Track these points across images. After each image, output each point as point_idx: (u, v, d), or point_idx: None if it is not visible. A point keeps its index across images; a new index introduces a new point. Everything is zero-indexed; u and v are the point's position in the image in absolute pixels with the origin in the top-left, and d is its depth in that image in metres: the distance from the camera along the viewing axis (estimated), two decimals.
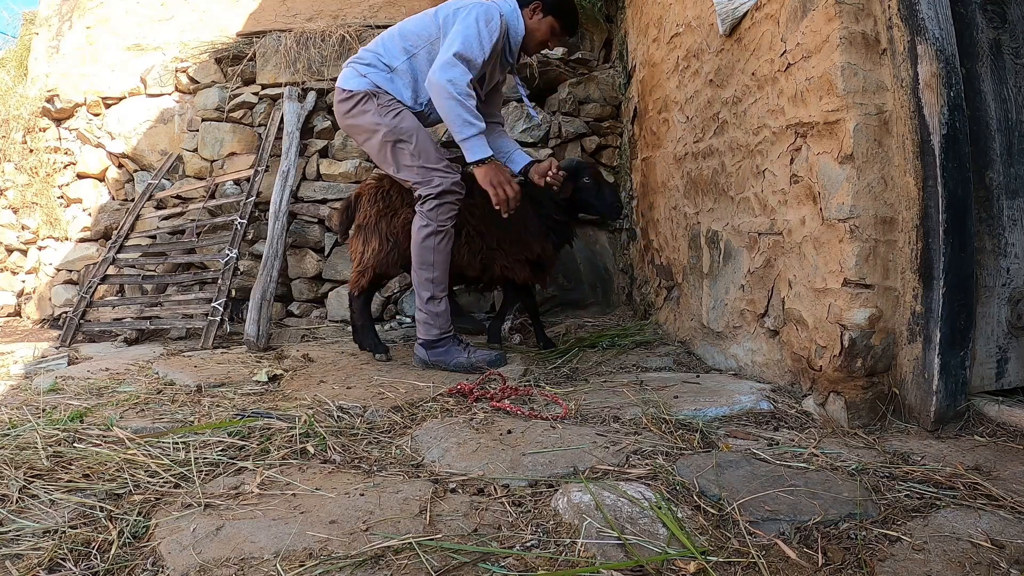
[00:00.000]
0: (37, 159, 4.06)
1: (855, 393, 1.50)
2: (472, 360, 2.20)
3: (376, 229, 2.45)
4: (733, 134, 2.02)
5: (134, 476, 1.28)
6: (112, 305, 3.47)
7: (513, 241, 2.47)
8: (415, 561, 0.92)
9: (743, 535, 0.98)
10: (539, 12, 2.28)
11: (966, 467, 1.20)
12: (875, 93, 1.47)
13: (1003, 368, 1.51)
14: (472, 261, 2.47)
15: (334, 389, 1.98)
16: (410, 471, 1.30)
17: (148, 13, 4.06)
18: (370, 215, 2.47)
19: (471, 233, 2.43)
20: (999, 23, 1.50)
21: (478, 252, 2.46)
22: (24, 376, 2.42)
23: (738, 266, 2.01)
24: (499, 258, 2.48)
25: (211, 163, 3.77)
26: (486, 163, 2.12)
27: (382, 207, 2.46)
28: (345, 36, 3.62)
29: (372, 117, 2.22)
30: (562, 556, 0.93)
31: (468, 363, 2.20)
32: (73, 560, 0.97)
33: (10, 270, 4.26)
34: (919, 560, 0.90)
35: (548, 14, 2.28)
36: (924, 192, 1.41)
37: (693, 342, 2.38)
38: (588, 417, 1.62)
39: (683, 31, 2.41)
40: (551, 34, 2.32)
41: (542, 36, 2.31)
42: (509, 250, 2.48)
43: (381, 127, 2.21)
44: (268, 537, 1.00)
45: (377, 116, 2.22)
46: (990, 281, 1.49)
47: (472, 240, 2.44)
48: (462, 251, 2.42)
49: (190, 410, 1.79)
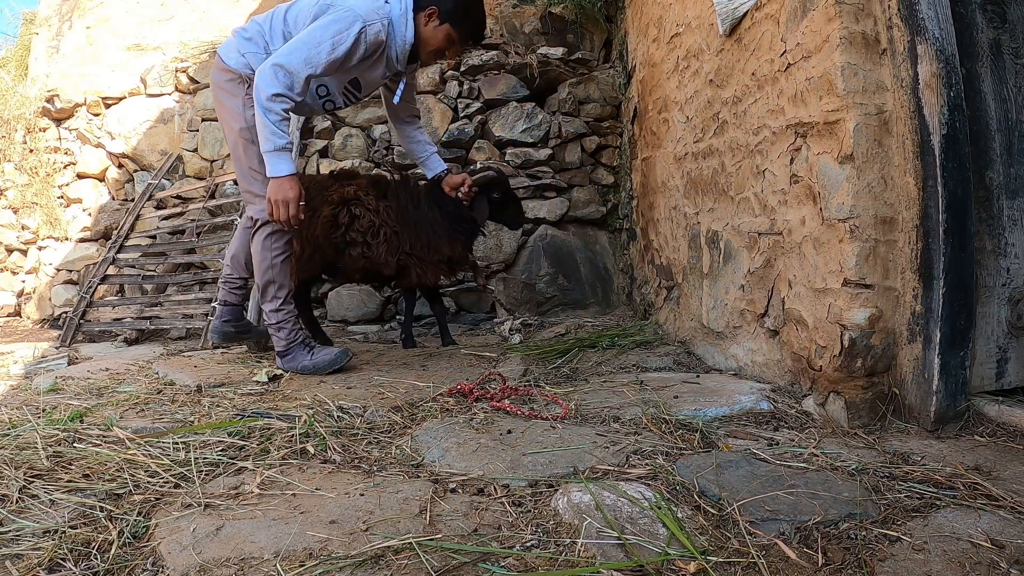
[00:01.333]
0: (37, 159, 4.06)
1: (855, 393, 1.50)
2: (314, 362, 2.20)
3: (296, 233, 2.47)
4: (733, 134, 2.02)
5: (134, 476, 1.28)
6: (112, 305, 3.47)
7: (424, 245, 2.48)
8: (415, 561, 0.92)
9: (743, 535, 0.98)
10: (434, 19, 2.08)
11: (966, 467, 1.20)
12: (875, 93, 1.47)
13: (1003, 368, 1.51)
14: (389, 261, 2.48)
15: (334, 389, 1.98)
16: (410, 471, 1.30)
17: (148, 13, 4.07)
18: None
19: (388, 234, 2.44)
20: (999, 23, 1.50)
21: (395, 253, 2.47)
22: (24, 376, 2.42)
23: (738, 266, 2.01)
24: (414, 264, 2.50)
25: (211, 163, 3.77)
26: (280, 178, 2.01)
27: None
28: None
29: (238, 104, 2.11)
30: (562, 556, 0.93)
31: (312, 366, 2.20)
32: (73, 560, 0.97)
33: (10, 270, 4.26)
34: (919, 560, 0.90)
35: (445, 22, 2.09)
36: (924, 192, 1.41)
37: (693, 342, 2.38)
38: (588, 417, 1.62)
39: (683, 31, 2.41)
40: (448, 43, 2.13)
41: (437, 44, 2.12)
42: (422, 254, 2.49)
43: (241, 119, 2.11)
44: (268, 537, 1.00)
45: (241, 106, 2.10)
46: (990, 281, 1.49)
47: (390, 241, 2.45)
48: (380, 249, 2.44)
49: (190, 410, 1.79)
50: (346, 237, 2.46)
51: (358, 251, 2.47)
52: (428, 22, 2.10)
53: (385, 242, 2.44)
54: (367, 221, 2.43)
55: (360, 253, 2.47)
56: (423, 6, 2.09)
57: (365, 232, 2.44)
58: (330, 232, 2.45)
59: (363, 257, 2.48)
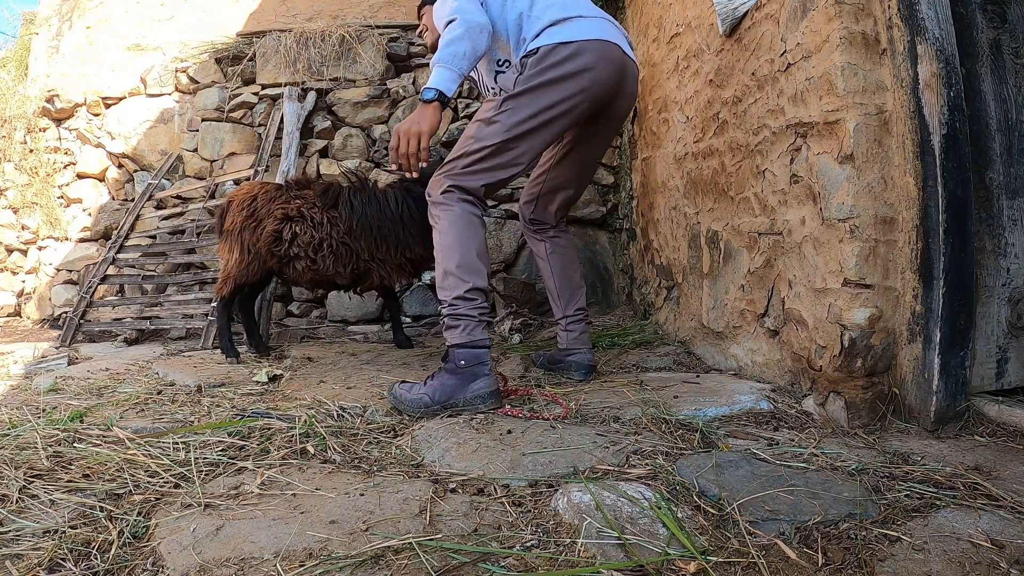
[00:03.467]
0: (37, 159, 4.06)
1: (855, 393, 1.50)
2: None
3: (239, 238, 2.48)
4: (733, 134, 2.02)
5: (134, 476, 1.28)
6: (112, 305, 3.47)
7: (391, 247, 2.46)
8: (415, 561, 0.92)
9: (743, 535, 0.98)
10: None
11: (966, 467, 1.20)
12: (875, 93, 1.47)
13: (1003, 368, 1.51)
14: (340, 272, 2.49)
15: (334, 389, 1.98)
16: (410, 471, 1.30)
17: (148, 13, 4.06)
18: (236, 223, 2.50)
19: (335, 246, 2.44)
20: (999, 23, 1.50)
21: (347, 264, 2.47)
22: (24, 376, 2.42)
23: (738, 266, 2.01)
24: (376, 268, 2.50)
25: (211, 163, 3.77)
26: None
27: (247, 216, 2.48)
28: (345, 36, 3.62)
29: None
30: (562, 556, 0.93)
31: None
32: (73, 560, 0.97)
33: (10, 270, 4.26)
34: (919, 560, 0.90)
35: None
36: (924, 192, 1.41)
37: (693, 342, 2.38)
38: (588, 417, 1.62)
39: (683, 31, 2.41)
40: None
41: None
42: (385, 258, 2.48)
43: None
44: (268, 537, 1.00)
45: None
46: (990, 281, 1.49)
47: (337, 253, 2.45)
48: (326, 263, 2.45)
49: (190, 410, 1.80)
50: (290, 251, 2.47)
51: (303, 264, 2.48)
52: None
53: (331, 255, 2.45)
54: (308, 237, 2.44)
55: (305, 267, 2.49)
56: None
57: (306, 247, 2.45)
58: (273, 246, 2.47)
59: (309, 270, 2.50)
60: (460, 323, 1.70)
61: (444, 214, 1.76)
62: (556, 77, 1.74)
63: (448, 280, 1.73)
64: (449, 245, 1.74)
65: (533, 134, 1.77)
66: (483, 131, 1.77)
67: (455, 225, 1.74)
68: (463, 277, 1.72)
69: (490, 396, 1.66)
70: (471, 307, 1.72)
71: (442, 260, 1.75)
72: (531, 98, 1.74)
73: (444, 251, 1.75)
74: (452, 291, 1.72)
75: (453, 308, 1.71)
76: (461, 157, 1.79)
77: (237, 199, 2.53)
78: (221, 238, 2.57)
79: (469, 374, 1.66)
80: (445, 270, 1.74)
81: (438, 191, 1.79)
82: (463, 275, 1.72)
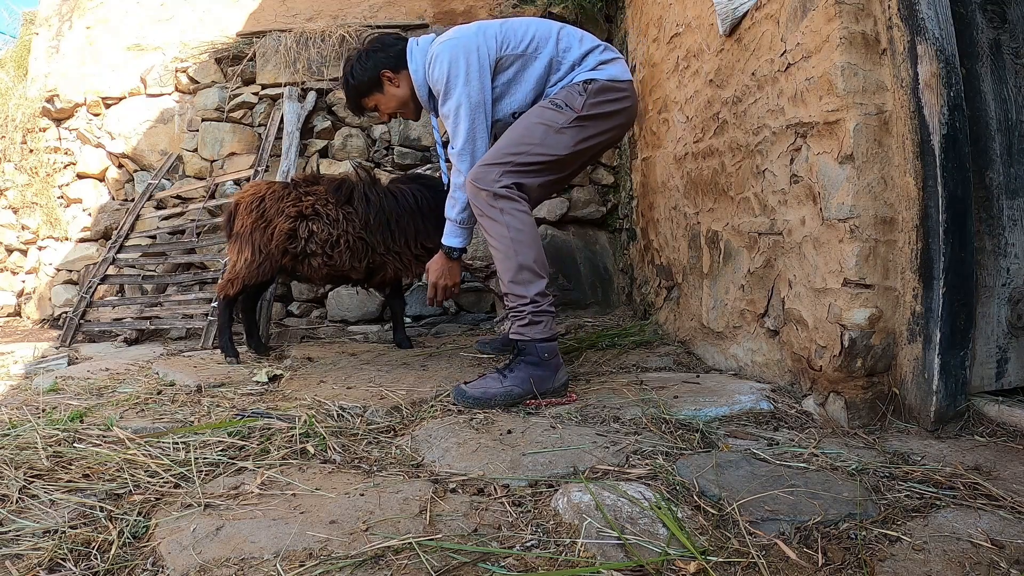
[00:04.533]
0: (37, 159, 4.06)
1: (855, 393, 1.50)
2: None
3: (250, 240, 2.47)
4: (733, 134, 2.02)
5: (134, 476, 1.28)
6: (112, 305, 3.47)
7: (409, 238, 2.50)
8: (415, 561, 0.92)
9: (743, 535, 0.98)
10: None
11: (966, 467, 1.20)
12: (875, 93, 1.47)
13: (1003, 368, 1.51)
14: (356, 267, 2.51)
15: (334, 389, 1.98)
16: (410, 471, 1.30)
17: (148, 13, 4.06)
18: (245, 224, 2.49)
19: (351, 241, 2.46)
20: (999, 23, 1.50)
21: (363, 258, 2.50)
22: (24, 376, 2.42)
23: (738, 266, 2.01)
24: (392, 261, 2.52)
25: (211, 163, 3.77)
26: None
27: (256, 217, 2.47)
28: (345, 36, 3.62)
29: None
30: (562, 556, 0.93)
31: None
32: (73, 560, 0.97)
33: (10, 270, 4.26)
34: (919, 560, 0.90)
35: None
36: (924, 192, 1.41)
37: (693, 342, 2.38)
38: (588, 417, 1.62)
39: (683, 31, 2.41)
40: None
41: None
42: (403, 250, 2.51)
43: None
44: (268, 537, 1.00)
45: None
46: (990, 281, 1.49)
47: (354, 248, 2.47)
48: (343, 258, 2.47)
49: (190, 410, 1.80)
50: (306, 249, 2.47)
51: (319, 260, 2.49)
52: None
53: (348, 250, 2.46)
54: (325, 234, 2.45)
55: (322, 263, 2.49)
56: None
57: (323, 244, 2.46)
58: (288, 244, 2.47)
59: (325, 266, 2.51)
60: (542, 319, 1.80)
61: (513, 209, 1.81)
62: (613, 111, 1.92)
63: (523, 275, 1.80)
64: (523, 241, 1.81)
65: (583, 155, 1.96)
66: (550, 138, 1.85)
67: (525, 222, 1.82)
68: (540, 273, 1.81)
69: (568, 383, 1.86)
70: (549, 303, 1.83)
71: (515, 255, 1.80)
72: (595, 124, 1.89)
73: (518, 246, 1.80)
74: (531, 287, 1.80)
75: (536, 305, 1.79)
76: (521, 154, 1.84)
77: (245, 201, 2.52)
78: (230, 240, 2.56)
79: (554, 364, 1.80)
80: (520, 264, 1.79)
81: (496, 184, 1.81)
82: (540, 270, 1.81)
